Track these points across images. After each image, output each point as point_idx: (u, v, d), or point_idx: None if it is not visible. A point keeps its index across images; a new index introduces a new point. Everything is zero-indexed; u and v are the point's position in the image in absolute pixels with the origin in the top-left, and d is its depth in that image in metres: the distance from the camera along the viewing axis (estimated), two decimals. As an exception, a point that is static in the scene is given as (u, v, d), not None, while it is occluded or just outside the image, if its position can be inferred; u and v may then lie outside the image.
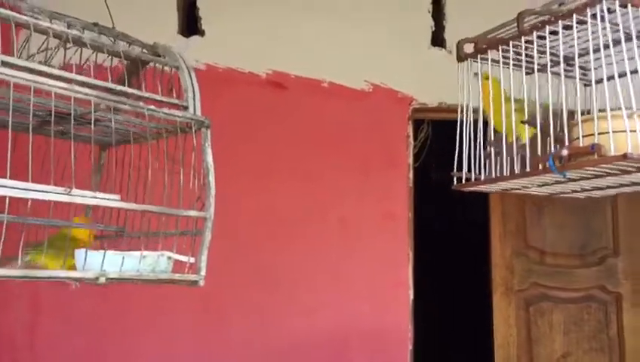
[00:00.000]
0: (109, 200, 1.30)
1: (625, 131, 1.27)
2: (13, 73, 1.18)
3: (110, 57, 1.51)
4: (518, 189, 1.63)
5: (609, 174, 1.40)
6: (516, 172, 1.54)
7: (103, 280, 1.27)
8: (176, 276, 1.40)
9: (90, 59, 1.43)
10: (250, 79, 3.35)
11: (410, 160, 3.42)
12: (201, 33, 3.38)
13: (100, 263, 1.29)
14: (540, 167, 1.42)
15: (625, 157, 1.23)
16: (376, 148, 3.37)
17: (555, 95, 1.53)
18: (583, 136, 1.37)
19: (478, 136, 1.62)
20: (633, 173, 1.39)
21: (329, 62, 3.38)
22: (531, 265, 3.56)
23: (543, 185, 1.57)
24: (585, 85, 1.69)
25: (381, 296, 3.28)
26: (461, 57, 1.67)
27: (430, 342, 3.86)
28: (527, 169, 1.49)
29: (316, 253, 3.25)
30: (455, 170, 1.64)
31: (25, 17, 1.30)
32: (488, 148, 1.64)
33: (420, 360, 3.39)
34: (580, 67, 1.60)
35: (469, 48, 1.67)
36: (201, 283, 1.43)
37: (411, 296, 3.30)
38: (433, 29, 3.47)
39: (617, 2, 1.30)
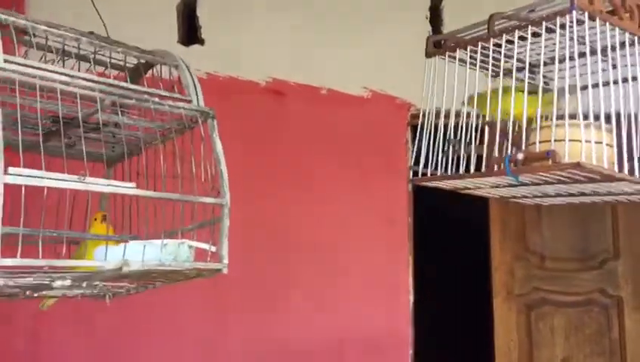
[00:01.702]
0: (124, 187, 1.28)
1: (580, 141, 1.31)
2: (18, 69, 1.18)
3: (109, 67, 1.53)
4: (471, 189, 1.65)
5: (560, 182, 1.43)
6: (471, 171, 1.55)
7: (126, 269, 1.24)
8: (200, 265, 1.38)
9: (90, 69, 1.45)
10: (250, 87, 3.37)
11: (410, 165, 3.43)
12: (201, 42, 3.40)
13: (120, 256, 1.26)
14: (496, 168, 1.44)
15: (578, 165, 1.26)
16: (376, 153, 3.39)
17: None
18: (540, 142, 1.39)
19: (439, 133, 1.64)
20: (583, 183, 1.42)
21: (327, 70, 3.41)
22: (532, 269, 3.57)
23: (495, 187, 1.60)
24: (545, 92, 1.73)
25: (381, 300, 3.29)
26: (429, 54, 1.70)
27: (431, 346, 3.87)
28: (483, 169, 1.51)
29: (316, 258, 3.27)
30: (412, 163, 1.66)
31: (23, 22, 1.32)
32: (448, 146, 1.65)
33: (421, 364, 3.40)
34: (543, 75, 1.63)
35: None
36: (225, 271, 1.43)
37: (412, 301, 3.31)
38: (431, 35, 3.48)
39: (586, 14, 1.31)
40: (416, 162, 1.64)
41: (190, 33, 3.42)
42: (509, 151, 1.47)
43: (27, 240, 1.18)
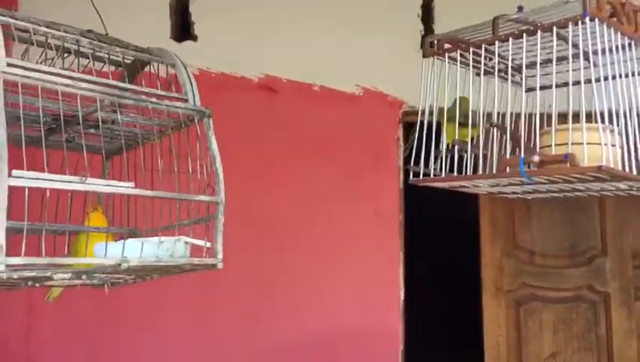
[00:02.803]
0: (123, 187, 1.33)
1: (597, 144, 1.36)
2: (22, 73, 1.22)
3: (108, 64, 1.56)
4: (468, 187, 1.68)
5: (568, 181, 1.47)
6: (469, 173, 1.60)
7: (125, 265, 1.30)
8: (195, 260, 1.45)
9: (89, 66, 1.48)
10: (243, 83, 3.39)
11: (401, 162, 3.47)
12: (194, 38, 3.42)
13: (119, 253, 1.32)
14: (508, 169, 1.47)
15: (600, 169, 1.30)
16: (367, 150, 3.41)
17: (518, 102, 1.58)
18: (556, 145, 1.42)
19: (436, 134, 1.67)
20: (589, 183, 1.47)
21: (320, 67, 3.43)
22: (521, 265, 3.60)
23: (494, 186, 1.63)
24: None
25: (372, 296, 3.32)
26: (426, 54, 1.72)
27: (421, 342, 3.90)
28: (480, 170, 1.55)
29: (307, 254, 3.29)
30: (412, 164, 1.68)
31: (25, 23, 1.35)
32: (452, 146, 1.67)
33: (411, 360, 3.42)
34: (534, 75, 1.65)
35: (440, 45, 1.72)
36: (220, 265, 1.50)
37: (402, 297, 3.34)
38: (423, 33, 3.52)
39: (596, 20, 1.36)
40: (416, 162, 1.66)
41: (183, 29, 3.44)
42: (519, 153, 1.49)
43: (29, 232, 1.21)
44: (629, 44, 1.45)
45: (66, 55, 1.49)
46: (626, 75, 1.45)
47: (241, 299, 3.21)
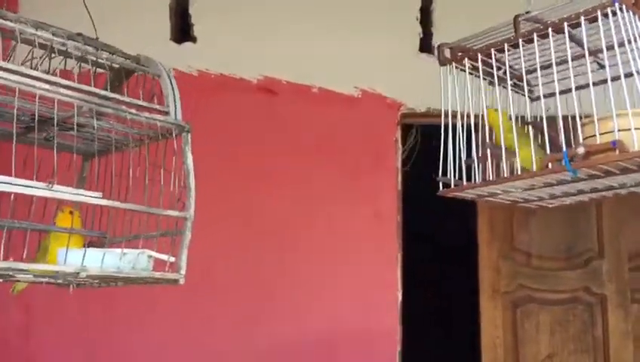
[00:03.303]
0: (91, 197, 1.35)
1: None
2: (1, 74, 1.23)
3: (94, 68, 1.56)
4: (500, 194, 1.64)
5: (612, 174, 1.41)
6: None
7: (83, 274, 1.32)
8: (157, 274, 1.45)
9: (74, 70, 1.48)
10: (242, 85, 3.40)
11: (399, 164, 3.48)
12: (194, 40, 3.43)
13: (79, 261, 1.33)
14: (550, 165, 1.41)
15: None
16: (366, 152, 3.42)
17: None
18: (600, 134, 1.36)
19: (463, 141, 1.62)
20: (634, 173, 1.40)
21: (319, 69, 3.44)
22: (518, 267, 3.62)
23: (529, 189, 1.58)
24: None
25: (370, 297, 3.32)
26: (442, 62, 1.69)
27: (419, 343, 3.91)
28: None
29: (305, 254, 3.30)
30: (440, 174, 1.63)
31: (11, 24, 1.36)
32: (483, 151, 1.63)
33: (408, 361, 3.44)
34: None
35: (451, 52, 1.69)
36: (182, 281, 1.47)
37: (400, 298, 3.35)
38: (421, 35, 3.53)
39: (624, 7, 1.33)
40: (443, 173, 1.61)
41: (182, 31, 3.45)
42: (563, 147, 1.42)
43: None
44: None
45: (53, 55, 1.50)
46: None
47: (240, 299, 3.22)
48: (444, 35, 1.79)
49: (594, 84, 1.46)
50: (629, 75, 1.37)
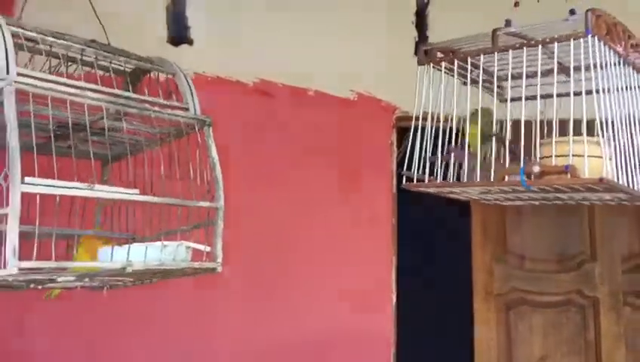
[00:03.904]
0: (129, 194, 1.38)
1: (598, 157, 1.43)
2: (32, 82, 1.27)
3: (111, 72, 1.60)
4: (457, 193, 1.74)
5: (561, 191, 1.53)
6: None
7: (129, 269, 1.35)
8: (196, 264, 1.51)
9: (94, 74, 1.51)
10: (238, 88, 3.42)
11: (394, 166, 3.50)
12: (190, 42, 3.44)
13: (125, 257, 1.38)
14: (506, 178, 1.52)
15: (601, 181, 1.36)
16: (361, 155, 3.45)
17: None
18: (556, 156, 1.47)
19: (428, 139, 1.72)
20: (582, 193, 1.53)
21: (315, 72, 3.46)
22: (511, 270, 3.65)
23: (484, 193, 1.69)
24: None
25: (364, 299, 3.35)
26: (420, 62, 1.79)
27: (413, 345, 3.93)
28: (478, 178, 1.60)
29: (300, 256, 3.32)
30: (405, 169, 1.72)
31: (33, 33, 1.38)
32: (448, 153, 1.73)
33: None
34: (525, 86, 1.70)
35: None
36: (219, 269, 1.57)
37: (394, 299, 3.37)
38: (417, 39, 3.56)
39: (596, 38, 1.42)
40: (408, 167, 1.71)
41: (179, 34, 3.46)
42: (518, 162, 1.52)
43: (29, 236, 1.25)
44: (619, 61, 1.52)
45: (69, 63, 1.53)
46: (617, 90, 1.51)
47: (238, 300, 3.23)
48: (439, 39, 1.83)
49: (560, 95, 1.57)
50: (589, 92, 1.48)
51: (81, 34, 1.63)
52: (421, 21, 3.58)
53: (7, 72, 1.23)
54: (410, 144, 1.72)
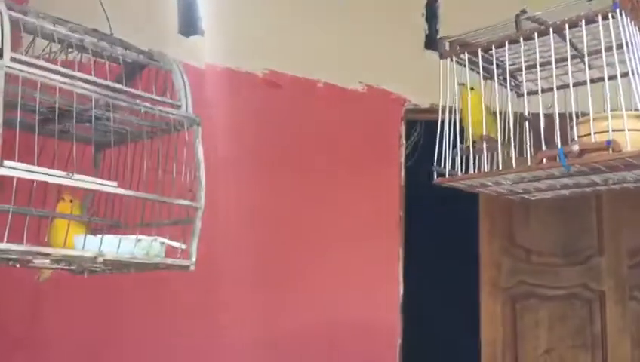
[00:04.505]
0: (107, 186, 1.41)
1: (638, 130, 1.37)
2: (23, 68, 1.30)
3: (108, 62, 1.62)
4: (490, 186, 1.70)
5: (601, 171, 1.48)
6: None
7: (100, 259, 1.39)
8: (169, 260, 1.53)
9: (89, 63, 1.54)
10: (248, 78, 3.44)
11: (403, 159, 3.51)
12: (201, 33, 3.46)
13: (97, 246, 1.40)
14: (544, 161, 1.47)
15: None
16: (370, 147, 3.46)
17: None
18: (595, 133, 1.42)
19: (458, 133, 1.69)
20: (621, 172, 1.47)
21: (324, 63, 3.48)
22: (518, 263, 3.66)
23: (517, 183, 1.65)
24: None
25: (371, 291, 3.36)
26: (443, 55, 1.74)
27: (419, 336, 3.95)
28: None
29: (307, 248, 3.34)
30: (435, 164, 1.69)
31: (32, 20, 1.41)
32: (474, 144, 1.68)
33: (408, 354, 3.48)
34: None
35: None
36: (192, 267, 1.56)
37: (401, 292, 3.39)
38: (427, 32, 3.56)
39: (623, 13, 1.38)
40: (438, 163, 1.67)
41: (191, 24, 3.48)
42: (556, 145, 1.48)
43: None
44: None
45: (70, 50, 1.56)
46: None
47: (243, 291, 3.25)
48: (450, 32, 1.83)
49: (589, 82, 1.52)
50: (624, 74, 1.43)
51: (91, 22, 1.66)
52: (431, 13, 3.58)
53: (1, 57, 1.26)
54: (438, 139, 1.69)
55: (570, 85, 1.52)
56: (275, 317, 3.27)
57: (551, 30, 1.52)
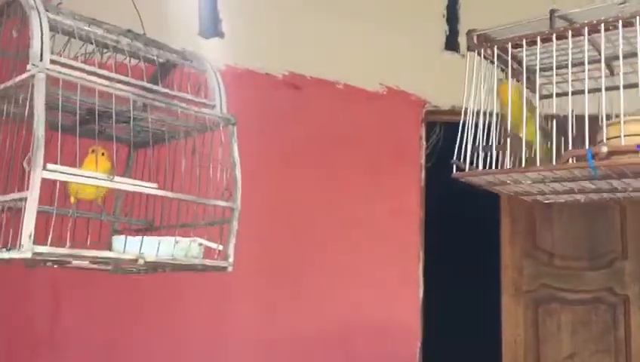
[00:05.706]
0: (147, 187, 1.40)
1: None
2: (63, 70, 1.30)
3: (143, 62, 1.62)
4: (509, 184, 1.65)
5: (625, 176, 1.44)
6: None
7: (141, 261, 1.37)
8: (207, 262, 1.51)
9: (125, 63, 1.54)
10: (268, 80, 3.44)
11: (423, 160, 3.49)
12: (221, 35, 3.47)
13: (137, 249, 1.39)
14: (571, 161, 1.42)
15: None
16: (390, 148, 3.45)
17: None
18: (625, 136, 1.38)
19: (480, 129, 1.64)
20: None
21: (344, 65, 3.47)
22: (540, 266, 3.62)
23: (539, 182, 1.60)
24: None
25: (392, 292, 3.35)
26: (471, 47, 1.67)
27: (439, 338, 3.93)
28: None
29: (328, 248, 3.33)
30: (455, 158, 1.63)
31: (69, 22, 1.42)
32: (504, 141, 1.64)
33: (429, 355, 3.45)
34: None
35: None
36: (230, 268, 1.55)
37: (421, 293, 3.37)
38: (447, 33, 3.54)
39: None
40: (458, 157, 1.61)
41: (211, 26, 3.49)
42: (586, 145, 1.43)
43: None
44: None
45: (105, 51, 1.56)
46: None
47: (263, 289, 3.26)
48: (471, 34, 1.80)
49: (622, 85, 1.46)
50: None
51: (120, 22, 1.67)
52: (452, 15, 3.55)
53: (41, 59, 1.25)
54: (459, 133, 1.63)
55: (603, 88, 1.48)
56: (294, 316, 3.27)
57: (586, 30, 1.47)
